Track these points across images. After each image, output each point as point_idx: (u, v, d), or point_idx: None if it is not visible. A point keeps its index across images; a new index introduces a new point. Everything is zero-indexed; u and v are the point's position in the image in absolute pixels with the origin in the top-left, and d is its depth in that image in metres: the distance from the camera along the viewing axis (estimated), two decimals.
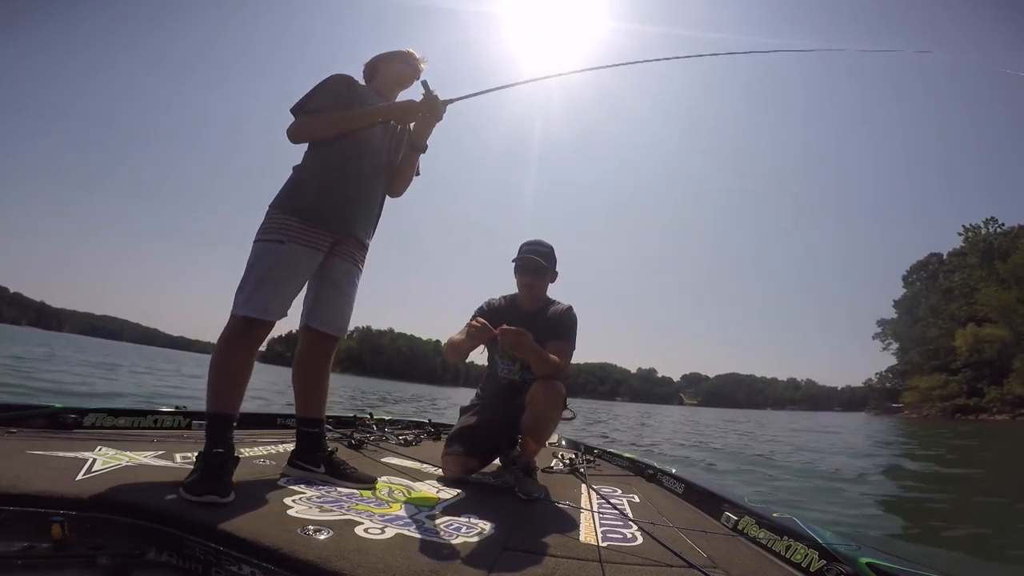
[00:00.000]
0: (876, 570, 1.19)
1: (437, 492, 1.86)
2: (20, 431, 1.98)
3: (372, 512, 1.48)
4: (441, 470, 2.18)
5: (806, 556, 1.35)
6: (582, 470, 2.52)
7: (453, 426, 2.46)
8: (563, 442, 3.56)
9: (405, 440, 2.93)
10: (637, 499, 2.09)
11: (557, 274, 2.41)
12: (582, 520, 1.68)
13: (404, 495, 1.75)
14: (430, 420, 3.71)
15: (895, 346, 57.83)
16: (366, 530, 1.31)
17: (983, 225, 47.55)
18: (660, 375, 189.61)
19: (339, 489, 1.71)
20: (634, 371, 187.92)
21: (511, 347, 2.01)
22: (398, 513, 1.52)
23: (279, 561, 1.11)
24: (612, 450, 3.21)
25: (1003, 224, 46.22)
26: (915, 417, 41.48)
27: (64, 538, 1.16)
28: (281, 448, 2.26)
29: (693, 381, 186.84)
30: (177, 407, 2.66)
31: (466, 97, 1.95)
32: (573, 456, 2.84)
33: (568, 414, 2.27)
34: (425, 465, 2.33)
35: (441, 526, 1.44)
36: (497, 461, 2.40)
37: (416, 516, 1.51)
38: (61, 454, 1.66)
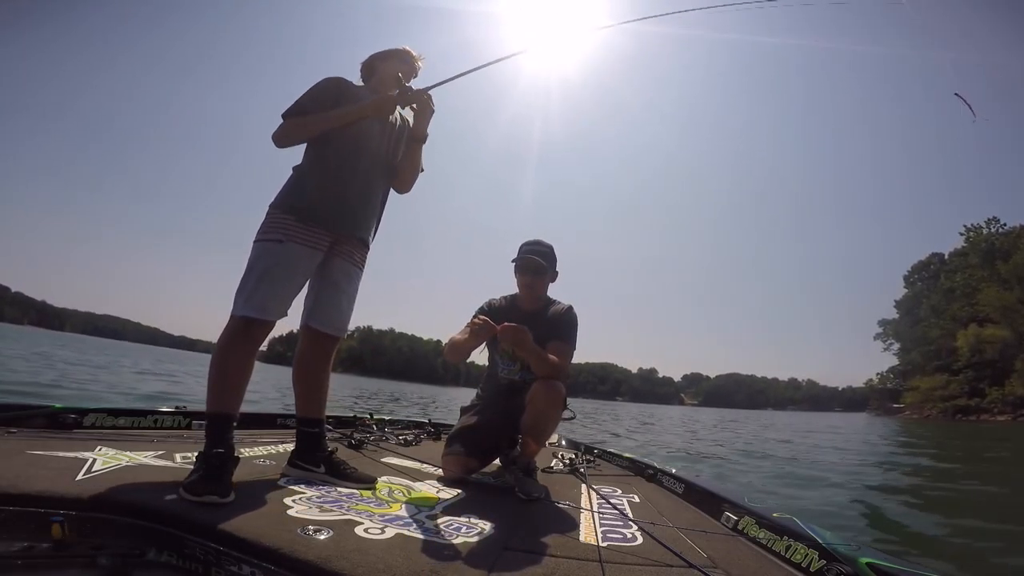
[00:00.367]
0: (876, 570, 1.19)
1: (437, 492, 1.86)
2: (20, 431, 1.98)
3: (372, 512, 1.48)
4: (441, 470, 2.18)
5: (806, 556, 1.35)
6: (582, 470, 2.52)
7: (453, 426, 2.46)
8: (563, 442, 3.56)
9: (405, 440, 2.94)
10: (637, 499, 2.09)
11: (557, 274, 2.41)
12: (582, 520, 1.68)
13: (404, 495, 1.75)
14: (430, 420, 3.71)
15: (896, 346, 57.78)
16: (366, 530, 1.31)
17: (985, 225, 47.51)
18: (661, 375, 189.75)
19: (339, 489, 1.71)
20: (635, 371, 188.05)
21: (512, 343, 2.01)
22: (398, 513, 1.52)
23: (279, 561, 1.11)
24: (612, 450, 3.21)
25: (1005, 224, 46.23)
26: (916, 417, 41.41)
27: (64, 538, 1.16)
28: (281, 448, 2.26)
29: (694, 381, 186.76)
30: (177, 407, 2.66)
31: (445, 82, 1.95)
32: (573, 456, 2.84)
33: (568, 414, 2.27)
34: (425, 465, 2.33)
35: (441, 526, 1.44)
36: (497, 461, 2.40)
37: (416, 516, 1.51)
38: (61, 454, 1.66)
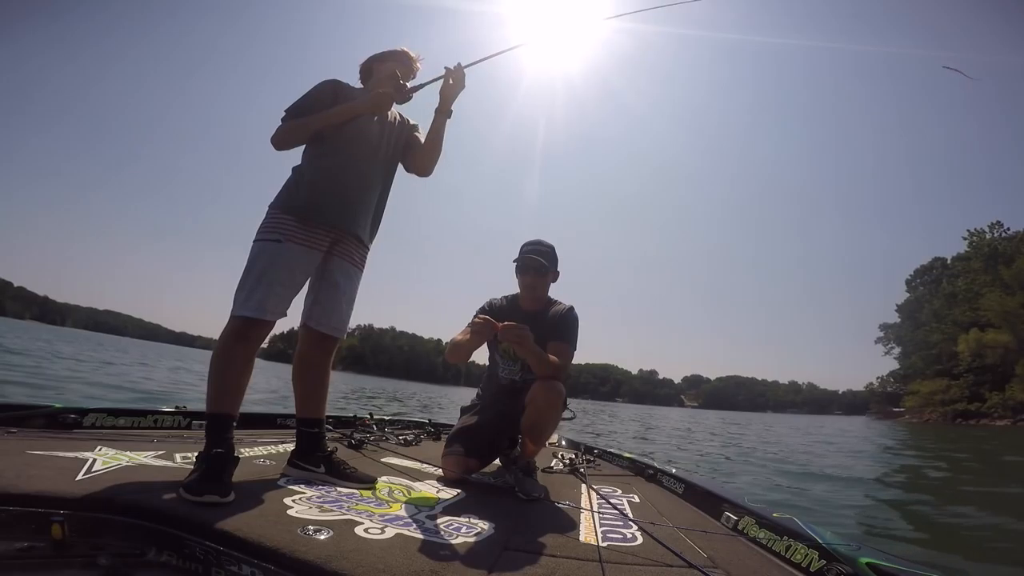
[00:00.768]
0: (876, 570, 1.19)
1: (437, 492, 1.86)
2: (20, 431, 1.97)
3: (372, 512, 1.48)
4: (441, 470, 2.18)
5: (806, 556, 1.35)
6: (582, 470, 2.52)
7: (453, 426, 2.46)
8: (563, 442, 3.56)
9: (405, 440, 2.94)
10: (637, 499, 2.09)
11: (558, 274, 2.41)
12: (582, 520, 1.68)
13: (404, 495, 1.75)
14: (430, 420, 3.71)
15: (897, 350, 57.69)
16: (366, 530, 1.31)
17: (988, 230, 47.43)
18: (661, 376, 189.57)
19: (339, 489, 1.71)
20: (635, 372, 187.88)
21: (512, 341, 2.00)
22: (398, 513, 1.52)
23: (279, 561, 1.11)
24: (612, 450, 3.21)
25: (1008, 229, 46.13)
26: (916, 421, 41.31)
27: (64, 538, 1.16)
28: (281, 448, 2.26)
29: (694, 383, 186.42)
30: (177, 407, 2.66)
31: (431, 81, 1.98)
32: (573, 456, 2.84)
33: (568, 414, 2.27)
34: (425, 465, 2.33)
35: (441, 526, 1.44)
36: (497, 461, 2.40)
37: (416, 516, 1.51)
38: (61, 454, 1.66)
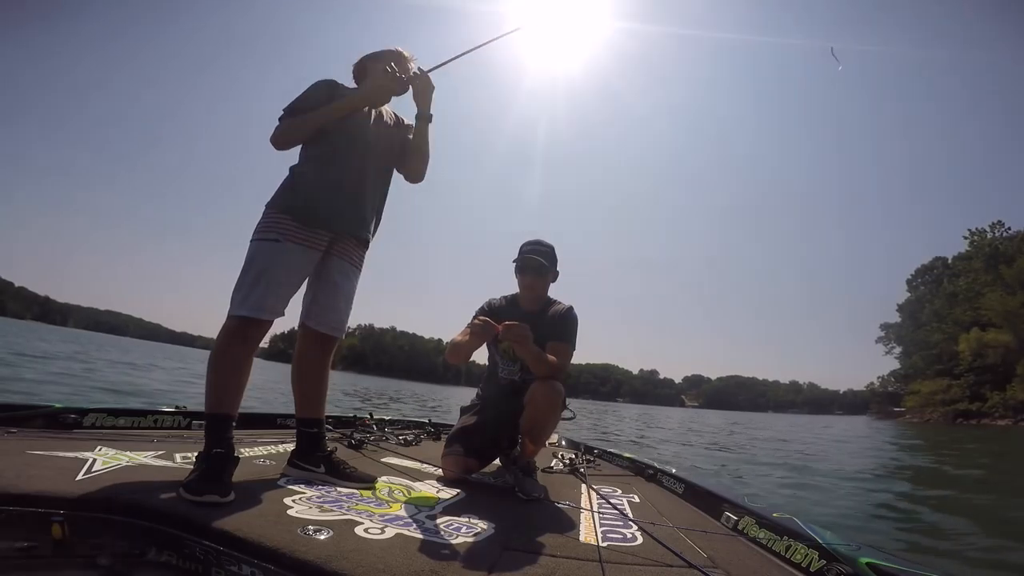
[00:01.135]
0: (876, 570, 1.19)
1: (437, 492, 1.86)
2: (20, 431, 1.97)
3: (372, 512, 1.48)
4: (441, 470, 2.18)
5: (806, 556, 1.35)
6: (582, 470, 2.52)
7: (453, 426, 2.46)
8: (563, 442, 3.56)
9: (405, 440, 2.94)
10: (637, 499, 2.09)
11: (558, 274, 2.41)
12: (582, 520, 1.68)
13: (404, 495, 1.75)
14: (430, 420, 3.71)
15: (898, 350, 57.65)
16: (366, 530, 1.31)
17: (989, 229, 47.36)
18: (662, 376, 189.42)
19: (339, 489, 1.71)
20: (636, 372, 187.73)
21: (513, 340, 2.00)
22: (398, 513, 1.52)
23: (279, 561, 1.11)
24: (612, 450, 3.21)
25: (1009, 228, 46.05)
26: (916, 421, 41.27)
27: (64, 538, 1.16)
28: (281, 448, 2.26)
29: (695, 383, 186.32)
30: (177, 407, 2.66)
31: (442, 64, 1.98)
32: (573, 456, 2.84)
33: (568, 414, 2.27)
34: (425, 465, 2.33)
35: (441, 526, 1.44)
36: (497, 461, 2.40)
37: (416, 516, 1.51)
38: (61, 454, 1.66)
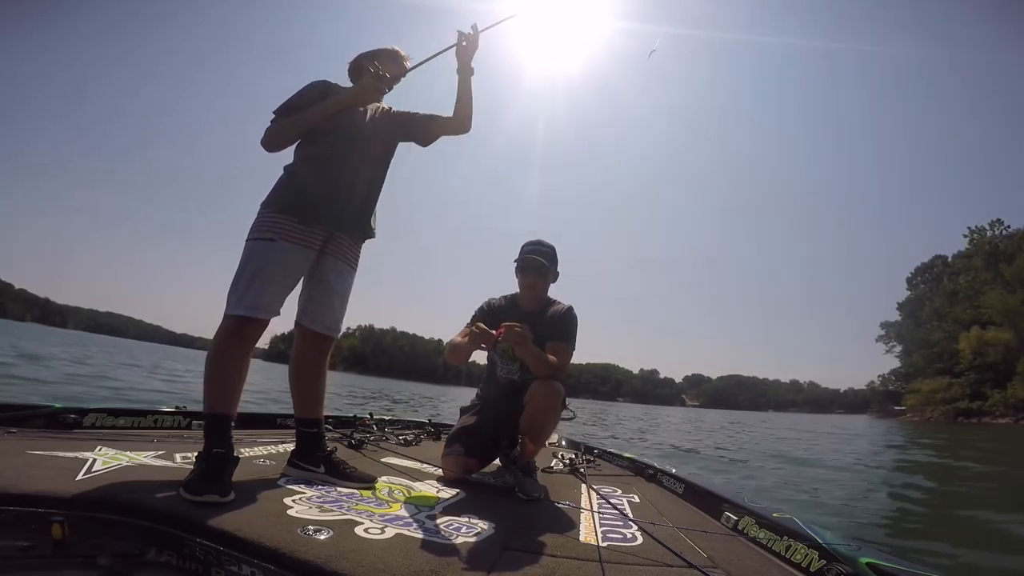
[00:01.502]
0: (876, 570, 1.19)
1: (437, 492, 1.86)
2: (20, 431, 1.98)
3: (372, 512, 1.48)
4: (441, 470, 2.18)
5: (806, 556, 1.35)
6: (582, 470, 2.52)
7: (453, 426, 2.46)
8: (563, 442, 3.56)
9: (405, 440, 2.94)
10: (637, 499, 2.09)
11: (558, 274, 2.40)
12: (582, 520, 1.68)
13: (404, 495, 1.75)
14: (430, 420, 3.72)
15: (898, 349, 57.68)
16: (366, 530, 1.31)
17: (988, 227, 47.38)
18: (662, 376, 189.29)
19: (339, 489, 1.71)
20: (636, 372, 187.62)
21: (512, 342, 2.00)
22: (398, 513, 1.52)
23: (279, 561, 1.11)
24: (612, 450, 3.21)
25: (1009, 227, 46.12)
26: (917, 420, 41.27)
27: (64, 538, 1.16)
28: (281, 448, 2.26)
29: (695, 382, 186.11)
30: (177, 407, 2.66)
31: (428, 59, 2.01)
32: (573, 456, 2.84)
33: (568, 414, 2.27)
34: (425, 465, 2.33)
35: (441, 526, 1.44)
36: (497, 461, 2.40)
37: (416, 516, 1.51)
38: (61, 454, 1.66)
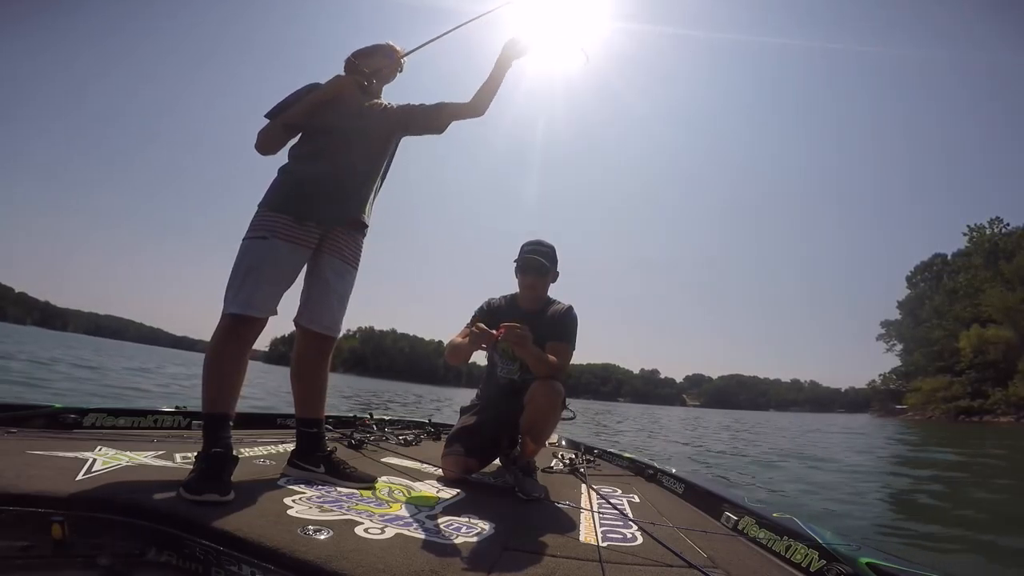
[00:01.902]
0: (876, 570, 1.19)
1: (437, 492, 1.86)
2: (20, 431, 1.98)
3: (372, 512, 1.48)
4: (441, 470, 2.18)
5: (806, 556, 1.35)
6: (582, 470, 2.52)
7: (453, 426, 2.46)
8: (563, 442, 3.56)
9: (405, 440, 2.94)
10: (637, 499, 2.09)
11: (558, 274, 2.40)
12: (582, 520, 1.68)
13: (404, 495, 1.75)
14: (430, 420, 3.72)
15: (899, 347, 57.66)
16: (366, 530, 1.31)
17: (988, 225, 47.35)
18: (663, 376, 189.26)
19: (339, 489, 1.71)
20: (637, 372, 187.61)
21: (512, 342, 2.00)
22: (398, 513, 1.52)
23: (279, 561, 1.11)
24: (612, 450, 3.21)
25: (1008, 224, 46.11)
26: (918, 419, 41.24)
27: (64, 538, 1.16)
28: (281, 448, 2.26)
29: (696, 382, 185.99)
30: (177, 407, 2.66)
31: (423, 45, 2.02)
32: (573, 456, 2.84)
33: (568, 414, 2.27)
34: (425, 465, 2.33)
35: (441, 526, 1.44)
36: (497, 461, 2.40)
37: (416, 516, 1.51)
38: (61, 454, 1.66)
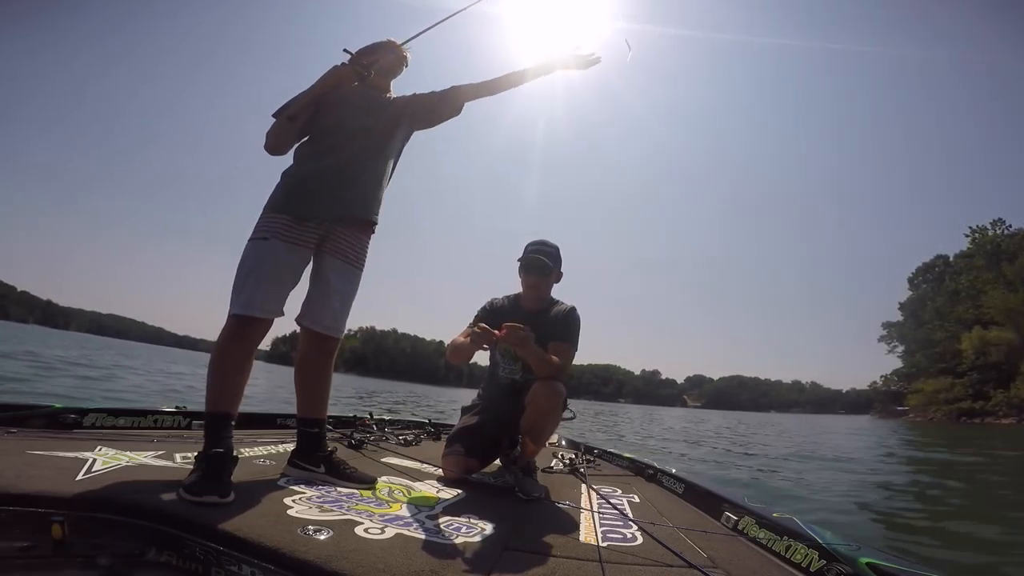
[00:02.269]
0: (876, 570, 1.18)
1: (437, 492, 1.86)
2: (20, 431, 1.97)
3: (372, 512, 1.48)
4: (441, 470, 2.18)
5: (806, 556, 1.35)
6: (582, 470, 2.52)
7: (453, 426, 2.46)
8: (563, 442, 3.56)
9: (405, 440, 2.94)
10: (637, 499, 2.09)
11: (561, 275, 2.40)
12: (582, 520, 1.68)
13: (404, 495, 1.75)
14: (430, 420, 3.72)
15: (900, 349, 57.54)
16: (366, 530, 1.30)
17: (990, 227, 47.22)
18: (664, 377, 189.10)
19: (339, 489, 1.71)
20: (638, 373, 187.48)
21: (513, 344, 2.00)
22: (398, 513, 1.52)
23: (279, 561, 1.11)
24: (612, 450, 3.21)
25: (1010, 226, 45.98)
26: (920, 420, 41.17)
27: (64, 538, 1.16)
28: (281, 448, 2.26)
29: (697, 383, 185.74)
30: (177, 407, 2.66)
31: (413, 38, 2.02)
32: (573, 456, 2.84)
33: (568, 414, 2.27)
34: (425, 465, 2.32)
35: (441, 526, 1.44)
36: (497, 461, 2.40)
37: (416, 516, 1.51)
38: (61, 454, 1.66)
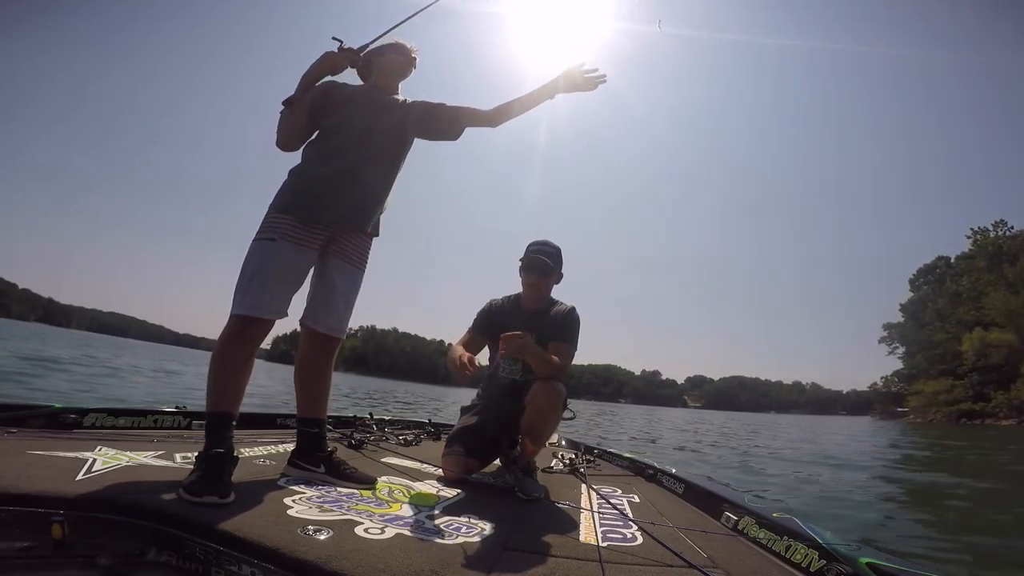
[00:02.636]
0: (876, 570, 1.19)
1: (437, 492, 1.86)
2: (20, 431, 1.98)
3: (372, 512, 1.48)
4: (441, 470, 2.18)
5: (806, 556, 1.35)
6: (582, 470, 2.52)
7: (453, 426, 2.46)
8: (563, 442, 3.57)
9: (405, 440, 2.94)
10: (637, 499, 2.09)
11: (562, 276, 2.40)
12: (582, 520, 1.68)
13: (404, 495, 1.75)
14: (430, 420, 3.72)
15: (901, 350, 57.42)
16: (366, 530, 1.31)
17: (992, 228, 47.08)
18: (664, 377, 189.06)
19: (339, 489, 1.71)
20: (638, 373, 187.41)
21: (514, 353, 2.02)
22: (398, 513, 1.52)
23: (279, 561, 1.11)
24: (612, 450, 3.21)
25: (1012, 227, 45.76)
26: (920, 421, 41.12)
27: (64, 538, 1.16)
28: (281, 448, 2.26)
29: (697, 384, 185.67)
30: (177, 407, 2.66)
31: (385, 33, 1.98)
32: (573, 456, 2.84)
33: (568, 414, 2.27)
34: (425, 465, 2.33)
35: (441, 526, 1.44)
36: (497, 461, 2.40)
37: (416, 516, 1.51)
38: (61, 454, 1.66)
